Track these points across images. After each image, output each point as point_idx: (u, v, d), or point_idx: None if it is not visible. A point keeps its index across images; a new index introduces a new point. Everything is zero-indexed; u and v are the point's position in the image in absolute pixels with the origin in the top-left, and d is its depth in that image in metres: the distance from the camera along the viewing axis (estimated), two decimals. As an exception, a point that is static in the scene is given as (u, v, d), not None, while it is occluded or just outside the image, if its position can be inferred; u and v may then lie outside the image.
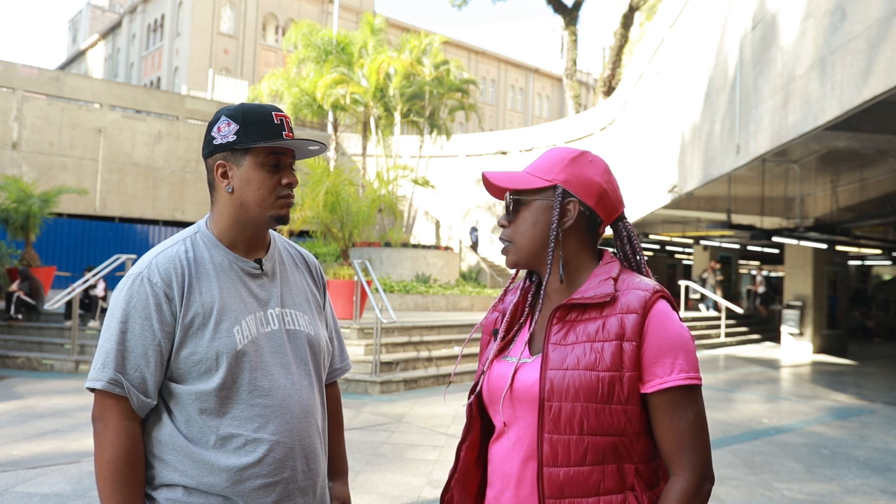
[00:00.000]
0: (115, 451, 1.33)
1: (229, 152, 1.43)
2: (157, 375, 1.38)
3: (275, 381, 1.43)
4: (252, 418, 1.39)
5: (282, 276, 1.54)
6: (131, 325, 1.36)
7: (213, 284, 1.42)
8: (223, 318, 1.39)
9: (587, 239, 1.31)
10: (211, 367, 1.37)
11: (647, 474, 1.23)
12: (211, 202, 1.49)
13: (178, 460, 1.37)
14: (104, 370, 1.35)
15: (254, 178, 1.42)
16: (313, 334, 1.55)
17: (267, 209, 1.44)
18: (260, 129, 1.41)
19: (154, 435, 1.40)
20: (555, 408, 1.19)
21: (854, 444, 6.64)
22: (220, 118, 1.44)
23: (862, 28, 5.77)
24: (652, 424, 1.21)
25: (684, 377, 1.18)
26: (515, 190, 1.30)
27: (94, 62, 48.39)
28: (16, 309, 10.60)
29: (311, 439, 1.47)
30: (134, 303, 1.37)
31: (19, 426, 6.17)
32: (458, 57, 33.47)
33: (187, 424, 1.38)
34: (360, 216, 11.39)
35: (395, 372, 8.89)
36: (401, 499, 4.51)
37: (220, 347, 1.37)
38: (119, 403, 1.35)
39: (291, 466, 1.41)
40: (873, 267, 27.33)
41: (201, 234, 1.47)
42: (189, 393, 1.37)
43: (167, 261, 1.40)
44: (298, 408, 1.45)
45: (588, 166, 1.30)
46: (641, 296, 1.22)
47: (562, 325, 1.24)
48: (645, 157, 14.70)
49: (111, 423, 1.34)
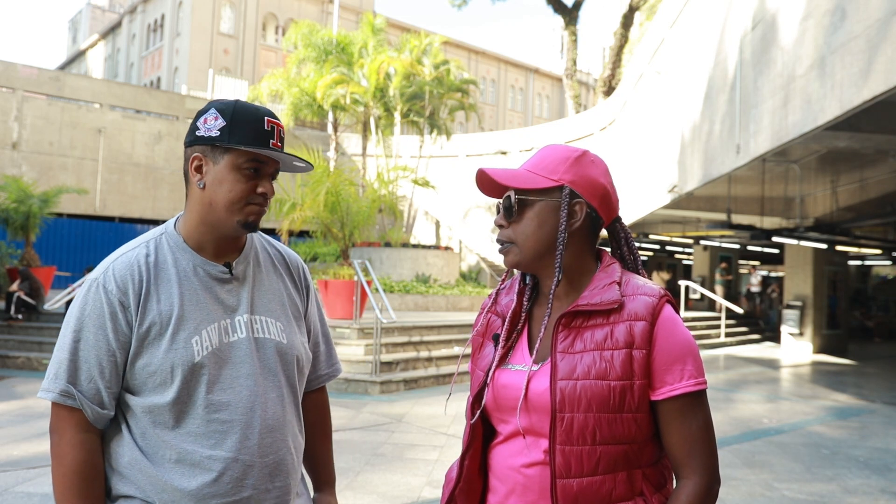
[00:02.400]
0: (69, 464, 1.28)
1: (209, 147, 1.35)
2: (114, 386, 1.32)
3: (236, 394, 1.35)
4: (208, 434, 1.32)
5: (255, 280, 1.45)
6: (85, 335, 1.30)
7: (174, 291, 1.34)
8: (181, 327, 1.32)
9: (589, 241, 1.30)
10: (166, 380, 1.30)
11: (654, 476, 1.24)
12: (186, 196, 1.41)
13: (134, 475, 1.32)
14: (56, 381, 1.29)
15: (227, 179, 1.34)
16: (285, 342, 1.45)
17: (234, 214, 1.35)
18: (246, 131, 1.33)
19: (112, 447, 1.35)
20: (567, 419, 1.17)
21: (854, 444, 6.64)
22: (210, 110, 1.36)
23: (862, 28, 5.77)
24: (661, 430, 1.21)
25: (693, 383, 1.19)
26: (520, 189, 1.27)
27: (94, 62, 48.39)
28: (16, 309, 10.60)
29: (277, 455, 1.38)
30: (88, 311, 1.31)
31: (19, 426, 6.17)
32: (458, 57, 33.48)
33: (143, 438, 1.33)
34: (360, 216, 11.39)
35: (395, 372, 8.89)
36: (401, 499, 4.51)
37: (175, 359, 1.31)
38: (73, 415, 1.29)
39: (252, 485, 1.33)
40: (873, 267, 27.33)
41: (167, 236, 1.40)
42: (144, 406, 1.32)
43: (124, 267, 1.33)
44: (262, 422, 1.36)
45: (591, 167, 1.28)
46: (649, 302, 1.21)
47: (568, 332, 1.22)
48: (645, 157, 14.69)
49: (66, 435, 1.29)
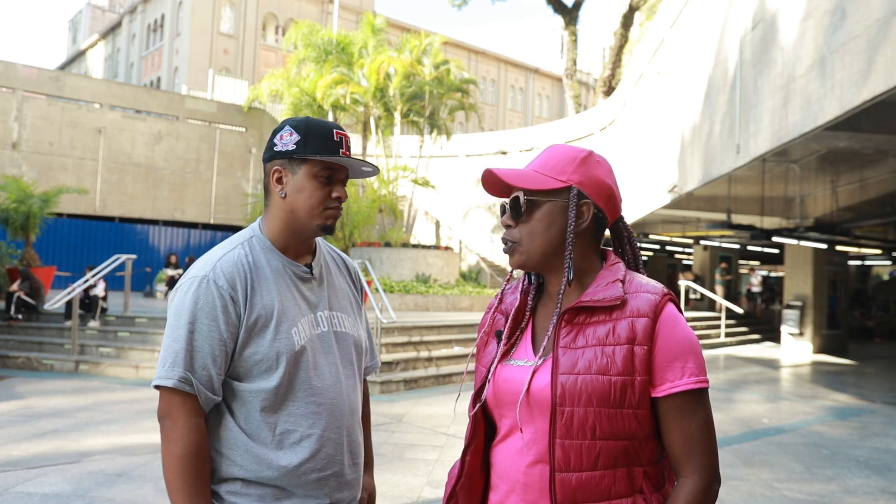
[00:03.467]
0: (185, 445, 1.38)
1: (287, 160, 1.50)
2: (223, 373, 1.44)
3: (326, 380, 1.51)
4: (307, 415, 1.46)
5: (328, 280, 1.63)
6: (199, 326, 1.41)
7: (272, 287, 1.49)
8: (282, 319, 1.47)
9: (594, 240, 1.31)
10: (271, 366, 1.44)
11: (655, 476, 1.24)
12: (265, 206, 1.57)
13: (238, 455, 1.43)
14: (174, 369, 1.40)
15: (306, 187, 1.49)
16: (357, 336, 1.63)
17: (314, 218, 1.51)
18: (319, 143, 1.48)
19: (215, 431, 1.46)
20: (567, 413, 1.18)
21: (854, 444, 6.64)
22: (285, 127, 1.51)
23: (862, 28, 5.77)
24: (661, 427, 1.22)
25: (695, 381, 1.19)
26: (529, 190, 1.27)
27: (94, 62, 48.39)
28: (16, 309, 10.60)
29: (356, 435, 1.56)
30: (201, 304, 1.42)
31: (19, 426, 6.17)
32: (458, 57, 33.47)
33: (247, 421, 1.45)
34: (360, 216, 11.41)
35: (395, 372, 8.89)
36: (401, 499, 4.51)
37: (280, 347, 1.45)
38: (187, 401, 1.40)
39: (340, 461, 1.50)
40: (873, 267, 27.33)
41: (257, 239, 1.54)
42: (250, 391, 1.44)
43: (231, 264, 1.46)
44: (347, 406, 1.53)
45: (597, 167, 1.30)
46: (651, 299, 1.22)
47: (570, 328, 1.23)
48: (645, 157, 14.69)
49: (180, 420, 1.39)
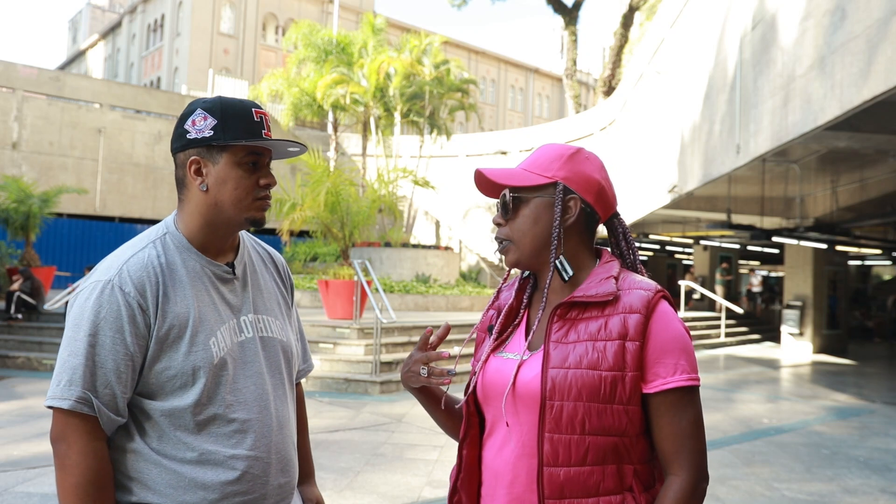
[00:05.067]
0: (81, 473, 1.22)
1: (204, 148, 1.34)
2: (129, 392, 1.28)
3: (250, 393, 1.36)
4: (229, 434, 1.32)
5: (253, 280, 1.47)
6: (101, 339, 1.25)
7: (188, 293, 1.32)
8: (199, 329, 1.31)
9: (586, 237, 1.31)
10: (187, 382, 1.29)
11: (645, 475, 1.23)
12: (179, 200, 1.40)
13: (152, 479, 1.28)
14: (70, 387, 1.23)
15: (231, 177, 1.34)
16: (286, 340, 1.48)
17: (243, 211, 1.36)
18: (240, 126, 1.33)
19: (124, 453, 1.30)
20: (556, 407, 1.18)
21: (854, 444, 6.64)
22: (196, 111, 1.34)
23: (862, 28, 5.77)
24: (651, 424, 1.21)
25: (686, 378, 1.19)
26: (515, 187, 1.28)
27: (94, 62, 48.39)
28: (16, 309, 10.60)
29: (286, 451, 1.41)
30: (104, 314, 1.25)
31: (19, 426, 6.17)
32: (458, 57, 33.45)
33: (160, 441, 1.29)
34: (360, 216, 11.40)
35: (395, 372, 8.88)
36: (401, 499, 4.51)
37: (196, 361, 1.29)
38: (85, 423, 1.24)
39: (267, 481, 1.36)
40: (873, 267, 27.32)
41: (171, 236, 1.37)
42: (163, 409, 1.29)
43: (139, 267, 1.29)
44: (275, 420, 1.39)
45: (585, 163, 1.29)
46: (644, 296, 1.21)
47: (563, 323, 1.23)
48: (645, 157, 14.69)
49: (76, 445, 1.23)
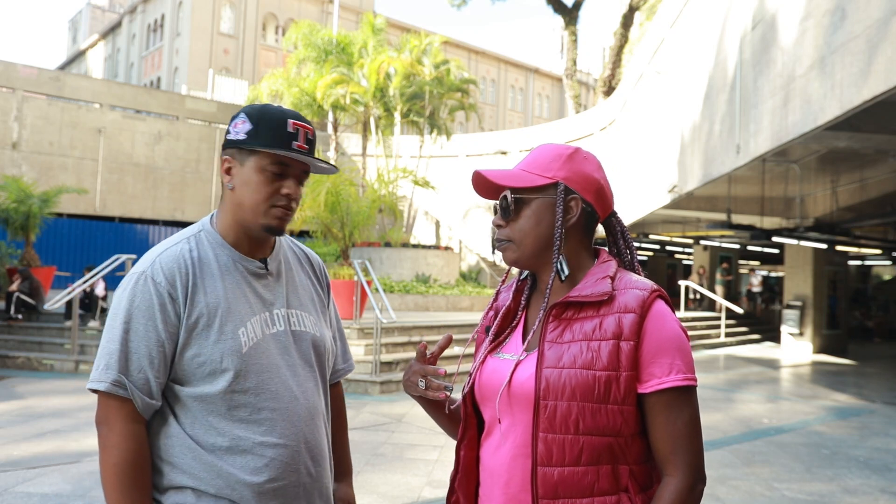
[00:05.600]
0: (120, 454, 1.30)
1: (237, 150, 1.41)
2: (162, 377, 1.35)
3: (281, 383, 1.41)
4: (259, 421, 1.37)
5: (287, 277, 1.53)
6: (134, 326, 1.33)
7: (218, 285, 1.39)
8: (228, 319, 1.37)
9: (586, 236, 1.31)
10: (216, 370, 1.35)
11: (641, 476, 1.22)
12: (220, 196, 1.48)
13: (187, 463, 1.34)
14: (107, 371, 1.32)
15: (252, 180, 1.39)
16: (318, 335, 1.53)
17: (259, 216, 1.40)
18: (270, 134, 1.37)
19: (160, 437, 1.37)
20: (550, 406, 1.17)
21: (854, 444, 6.64)
22: (240, 114, 1.42)
23: (862, 28, 5.77)
24: (647, 424, 1.20)
25: (682, 378, 1.18)
26: (516, 188, 1.28)
27: (94, 62, 48.38)
28: (16, 309, 10.60)
29: (317, 441, 1.46)
30: (137, 302, 1.34)
31: (19, 426, 6.17)
32: (458, 57, 33.44)
33: (193, 427, 1.36)
34: (360, 216, 11.39)
35: (395, 372, 8.88)
36: (401, 499, 4.51)
37: (224, 349, 1.35)
38: (123, 406, 1.32)
39: (297, 470, 1.40)
40: (873, 267, 27.32)
41: (206, 233, 1.44)
42: (194, 395, 1.35)
43: (171, 260, 1.37)
44: (305, 410, 1.43)
45: (584, 162, 1.30)
46: (639, 295, 1.21)
47: (558, 323, 1.23)
48: (645, 157, 14.69)
49: (115, 426, 1.31)
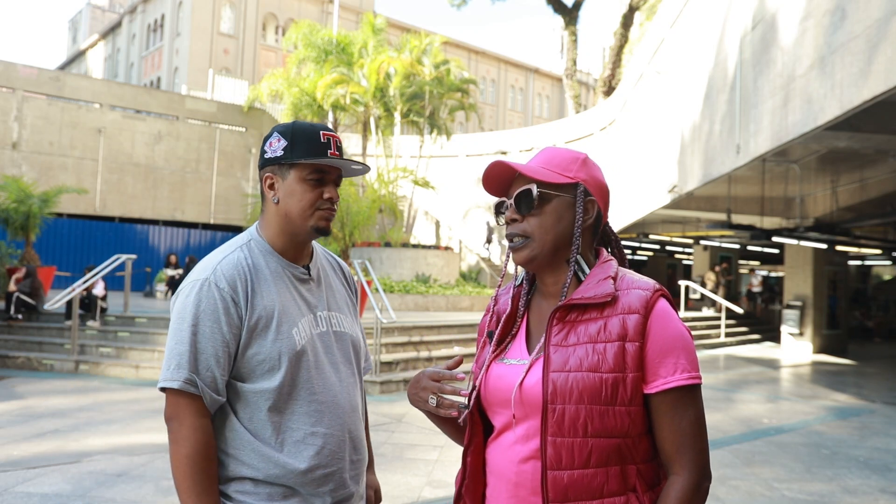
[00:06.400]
0: (192, 446, 1.41)
1: (277, 166, 1.55)
2: (227, 374, 1.47)
3: (327, 379, 1.55)
4: (310, 413, 1.50)
5: (326, 282, 1.68)
6: (202, 328, 1.45)
7: (272, 289, 1.52)
8: (283, 320, 1.50)
9: (593, 239, 1.33)
10: (274, 366, 1.48)
11: (648, 474, 1.23)
12: (262, 211, 1.62)
13: (245, 455, 1.46)
14: (179, 370, 1.43)
15: (297, 190, 1.53)
16: (355, 336, 1.69)
17: (307, 220, 1.54)
18: (305, 147, 1.52)
19: (221, 431, 1.49)
20: (558, 410, 1.18)
21: (854, 444, 6.64)
22: (273, 134, 1.56)
23: (862, 28, 5.77)
24: (653, 424, 1.21)
25: (687, 377, 1.19)
26: (543, 182, 1.29)
27: (94, 62, 48.38)
28: (16, 309, 10.60)
29: (358, 431, 1.60)
30: (203, 306, 1.45)
31: (19, 426, 6.17)
32: (458, 57, 33.43)
33: (251, 421, 1.48)
34: (360, 216, 11.41)
35: (395, 372, 8.88)
36: (401, 499, 4.51)
37: (281, 347, 1.48)
38: (193, 402, 1.43)
39: (343, 457, 1.54)
40: (873, 267, 27.33)
41: (255, 242, 1.58)
42: (253, 391, 1.48)
43: (231, 267, 1.50)
44: (347, 403, 1.58)
45: (596, 168, 1.34)
46: (642, 295, 1.21)
47: (562, 326, 1.23)
48: (645, 157, 14.68)
49: (186, 421, 1.43)
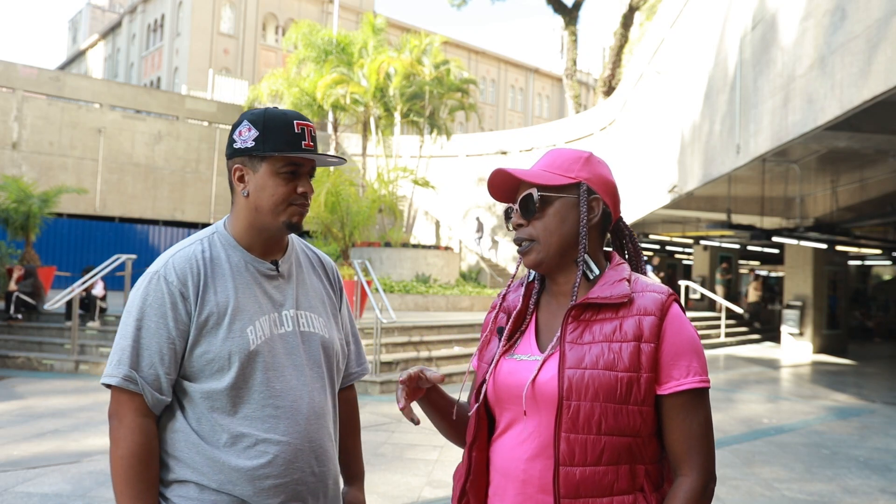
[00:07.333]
0: (128, 447, 1.34)
1: (247, 157, 1.44)
2: (172, 373, 1.39)
3: (287, 382, 1.44)
4: (263, 419, 1.40)
5: (298, 279, 1.56)
6: (146, 323, 1.38)
7: (229, 284, 1.43)
8: (237, 318, 1.41)
9: (600, 238, 1.33)
10: (223, 367, 1.39)
11: (655, 475, 1.25)
12: (231, 203, 1.52)
13: (191, 458, 1.38)
14: (119, 367, 1.36)
15: (268, 184, 1.43)
16: (327, 337, 1.56)
17: (279, 216, 1.45)
18: (278, 138, 1.41)
19: (167, 432, 1.41)
20: (573, 407, 1.19)
21: (854, 444, 6.64)
22: (243, 122, 1.45)
23: (862, 28, 5.77)
24: (663, 425, 1.23)
25: (698, 380, 1.21)
26: (543, 186, 1.29)
27: (94, 62, 48.38)
28: (16, 309, 10.60)
29: (321, 441, 1.48)
30: (150, 301, 1.38)
31: (19, 426, 6.17)
32: (458, 57, 33.42)
33: (199, 422, 1.39)
34: (360, 216, 11.40)
35: (395, 372, 8.88)
36: (401, 499, 4.51)
37: (232, 347, 1.39)
38: (133, 400, 1.36)
39: (300, 468, 1.42)
40: (873, 267, 27.32)
41: (219, 235, 1.49)
42: (201, 391, 1.39)
43: (183, 260, 1.42)
44: (309, 409, 1.46)
45: (601, 165, 1.34)
46: (658, 298, 1.24)
47: (577, 324, 1.25)
48: (645, 156, 14.69)
49: (125, 420, 1.36)
